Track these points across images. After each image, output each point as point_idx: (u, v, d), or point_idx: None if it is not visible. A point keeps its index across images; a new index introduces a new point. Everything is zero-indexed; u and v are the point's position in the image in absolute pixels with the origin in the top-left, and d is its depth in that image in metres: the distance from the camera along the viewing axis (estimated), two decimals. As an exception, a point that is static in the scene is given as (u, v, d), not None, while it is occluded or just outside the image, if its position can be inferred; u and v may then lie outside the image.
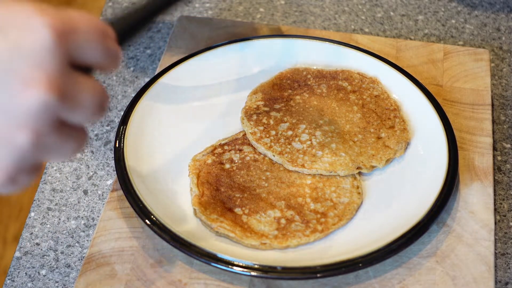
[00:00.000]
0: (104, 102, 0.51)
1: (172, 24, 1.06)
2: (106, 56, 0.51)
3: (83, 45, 0.49)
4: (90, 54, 0.50)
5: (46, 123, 0.46)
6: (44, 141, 0.47)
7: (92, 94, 0.49)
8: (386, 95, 0.90)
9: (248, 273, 0.70)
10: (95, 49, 0.50)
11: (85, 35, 0.49)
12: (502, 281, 0.75)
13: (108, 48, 0.51)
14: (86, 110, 0.49)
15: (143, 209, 0.75)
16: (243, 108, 0.89)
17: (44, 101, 0.45)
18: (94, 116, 0.50)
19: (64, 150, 0.50)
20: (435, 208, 0.75)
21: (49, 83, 0.45)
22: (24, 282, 0.76)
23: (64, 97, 0.47)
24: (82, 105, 0.49)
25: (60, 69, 0.46)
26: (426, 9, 1.09)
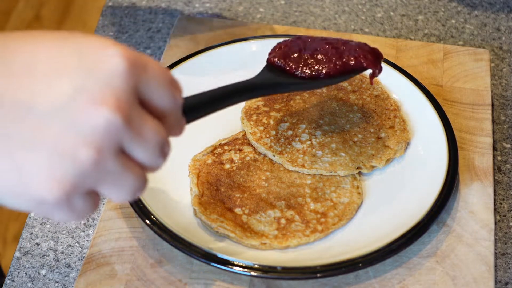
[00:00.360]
0: (166, 147, 0.52)
1: (172, 24, 1.06)
2: (172, 104, 0.52)
3: (152, 84, 0.50)
4: (157, 97, 0.51)
5: (109, 144, 0.47)
6: (105, 164, 0.47)
7: (155, 132, 0.50)
8: (386, 95, 0.90)
9: (248, 273, 0.70)
10: (163, 93, 0.51)
11: (155, 76, 0.50)
12: (502, 281, 0.75)
13: (175, 97, 0.52)
14: (148, 147, 0.50)
15: (143, 209, 0.75)
16: (243, 108, 0.89)
17: (110, 121, 0.46)
18: (155, 159, 0.51)
19: (122, 185, 0.49)
20: (435, 208, 0.75)
21: (118, 105, 0.46)
22: (24, 282, 0.76)
23: (129, 123, 0.47)
24: (145, 139, 0.49)
25: (129, 97, 0.48)
26: (426, 9, 1.09)
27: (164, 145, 0.51)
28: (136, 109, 0.49)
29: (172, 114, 0.53)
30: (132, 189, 0.50)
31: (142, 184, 0.51)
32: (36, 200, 0.47)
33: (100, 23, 1.07)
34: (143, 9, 1.10)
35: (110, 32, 1.05)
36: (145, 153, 0.50)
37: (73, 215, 0.49)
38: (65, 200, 0.47)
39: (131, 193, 0.51)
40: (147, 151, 0.50)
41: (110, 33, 1.05)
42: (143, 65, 0.49)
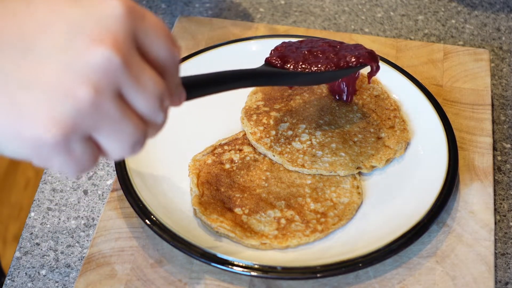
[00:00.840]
0: (166, 101, 0.51)
1: (172, 24, 1.06)
2: (171, 59, 0.52)
3: (150, 34, 0.50)
4: (156, 48, 0.50)
5: (108, 84, 0.47)
6: (104, 105, 0.47)
7: (154, 82, 0.50)
8: (386, 95, 0.90)
9: (248, 273, 0.70)
10: (161, 45, 0.51)
11: (153, 27, 0.50)
12: (502, 281, 0.75)
13: (173, 51, 0.52)
14: (148, 96, 0.49)
15: (143, 209, 0.75)
16: (243, 108, 0.89)
17: (109, 59, 0.46)
18: (154, 111, 0.50)
19: (121, 132, 0.49)
20: (435, 208, 0.76)
21: (116, 45, 0.46)
22: (24, 282, 0.76)
23: (128, 65, 0.47)
24: (144, 87, 0.49)
25: (127, 40, 0.48)
26: (426, 9, 1.09)
27: (164, 99, 0.51)
28: (134, 55, 0.48)
29: (172, 72, 0.53)
30: (131, 140, 0.50)
31: (141, 137, 0.50)
32: (34, 142, 0.46)
33: (100, 23, 1.07)
34: (143, 9, 1.10)
35: (110, 32, 1.05)
36: (144, 102, 0.49)
37: (72, 163, 0.48)
38: (63, 142, 0.46)
39: (130, 145, 0.50)
40: (146, 100, 0.49)
41: (110, 33, 1.05)
42: (141, 14, 0.49)
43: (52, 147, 0.46)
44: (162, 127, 0.53)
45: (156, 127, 0.53)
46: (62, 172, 0.50)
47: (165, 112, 0.52)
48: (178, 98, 0.56)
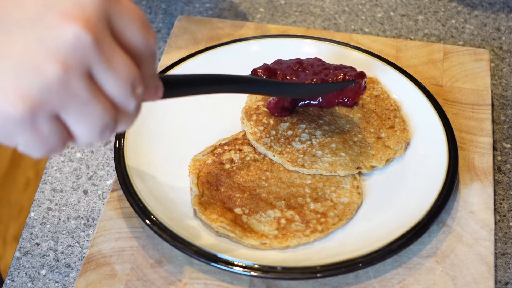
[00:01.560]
0: (138, 88, 0.50)
1: (172, 24, 1.06)
2: (145, 46, 0.51)
3: (124, 18, 0.49)
4: (130, 33, 0.50)
5: (77, 62, 0.46)
6: (72, 84, 0.46)
7: (127, 65, 0.49)
8: (386, 95, 0.90)
9: (248, 273, 0.70)
10: (136, 30, 0.50)
11: (128, 11, 0.49)
12: (502, 281, 0.75)
13: (148, 39, 0.51)
14: (119, 79, 0.48)
15: (143, 209, 0.75)
16: (243, 108, 0.89)
17: (79, 37, 0.45)
18: (126, 96, 0.49)
19: (90, 114, 0.48)
20: (435, 208, 0.76)
21: (87, 23, 0.46)
22: (24, 282, 0.76)
23: (99, 45, 0.47)
24: (116, 69, 0.48)
25: (99, 20, 0.47)
26: (426, 9, 1.09)
27: (136, 85, 0.50)
28: (107, 36, 0.48)
29: (147, 60, 0.52)
30: (99, 124, 0.49)
31: (111, 123, 0.49)
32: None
33: (100, 23, 1.07)
34: (143, 9, 1.10)
35: (110, 32, 1.05)
36: (115, 85, 0.49)
37: (38, 142, 0.47)
38: (29, 118, 0.46)
39: (99, 129, 0.49)
40: (117, 83, 0.48)
41: (110, 33, 1.05)
42: None
43: (18, 122, 0.46)
44: (134, 117, 0.52)
45: (128, 117, 0.51)
46: (27, 152, 0.49)
47: (137, 100, 0.51)
48: (154, 91, 0.55)
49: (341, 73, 0.81)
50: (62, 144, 0.49)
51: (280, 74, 0.81)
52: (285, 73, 0.81)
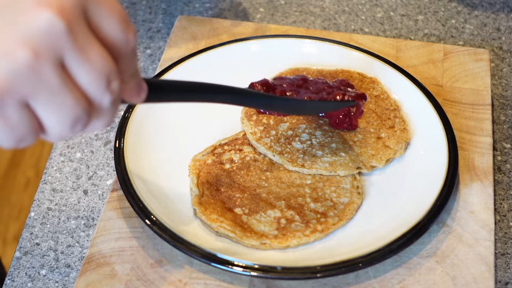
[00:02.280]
0: (114, 83, 0.49)
1: (172, 24, 1.06)
2: (124, 41, 0.50)
3: (102, 10, 0.49)
4: (108, 26, 0.49)
5: (49, 49, 0.45)
6: (42, 71, 0.45)
7: (102, 57, 0.48)
8: (386, 95, 0.90)
9: (248, 273, 0.70)
10: (114, 24, 0.49)
11: (106, 4, 0.49)
12: (502, 281, 0.75)
13: (127, 35, 0.50)
14: (92, 70, 0.48)
15: (143, 209, 0.75)
16: (243, 108, 0.89)
17: (52, 24, 0.45)
18: (100, 89, 0.48)
19: (60, 104, 0.47)
20: (435, 208, 0.75)
21: (61, 11, 0.45)
22: (24, 282, 0.76)
23: (73, 34, 0.46)
24: (89, 60, 0.47)
25: (75, 9, 0.46)
26: (426, 9, 1.09)
27: (112, 79, 0.49)
28: (82, 26, 0.47)
29: (126, 57, 0.51)
30: (70, 115, 0.48)
31: (83, 116, 0.48)
32: None
33: (100, 23, 1.07)
34: (143, 9, 1.10)
35: (110, 32, 1.05)
36: (88, 77, 0.48)
37: (6, 130, 0.47)
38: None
39: (70, 121, 0.48)
40: (90, 74, 0.48)
41: (110, 33, 1.05)
42: None
43: None
44: (110, 114, 0.51)
45: (103, 113, 0.50)
46: None
47: (112, 95, 0.50)
48: (136, 90, 0.54)
49: (341, 93, 0.79)
50: (32, 134, 0.48)
51: (279, 90, 0.79)
52: (284, 90, 0.80)
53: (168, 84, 0.62)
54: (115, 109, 0.51)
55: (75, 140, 0.90)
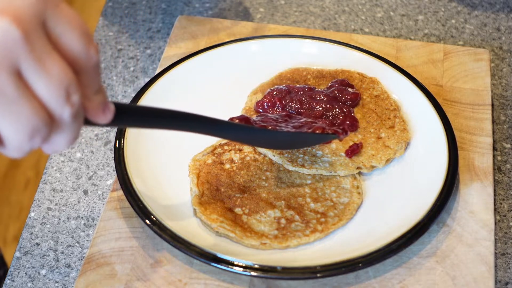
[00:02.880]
0: (73, 95, 0.49)
1: (172, 24, 1.06)
2: (85, 55, 0.50)
3: (62, 23, 0.48)
4: (67, 39, 0.49)
5: (3, 56, 0.45)
6: None
7: (61, 69, 0.48)
8: (386, 95, 0.90)
9: (248, 273, 0.70)
10: (74, 38, 0.49)
11: (66, 16, 0.49)
12: (502, 281, 0.75)
13: (88, 50, 0.50)
14: (50, 81, 0.47)
15: (143, 209, 0.75)
16: (243, 108, 0.89)
17: (6, 31, 0.45)
18: (58, 101, 0.48)
19: (17, 113, 0.46)
20: (435, 208, 0.75)
21: (17, 18, 0.45)
22: (24, 282, 0.76)
23: (29, 43, 0.46)
24: (47, 71, 0.47)
25: (32, 19, 0.46)
26: (426, 9, 1.09)
27: (72, 91, 0.48)
28: (40, 37, 0.47)
29: (88, 72, 0.51)
30: (28, 126, 0.47)
31: (41, 127, 0.48)
32: None
33: (100, 23, 1.07)
34: (143, 9, 1.10)
35: (110, 32, 1.05)
36: (46, 87, 0.47)
37: None
38: None
39: (28, 132, 0.47)
40: (48, 85, 0.47)
41: (110, 33, 1.05)
42: (56, 1, 0.48)
43: None
44: (72, 129, 0.50)
45: (64, 126, 0.50)
46: None
47: (72, 107, 0.49)
48: (101, 109, 0.53)
49: (321, 127, 0.78)
50: None
51: (258, 125, 0.78)
52: (263, 126, 0.79)
53: (139, 110, 0.61)
54: (77, 125, 0.51)
55: (75, 140, 0.90)
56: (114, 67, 1.00)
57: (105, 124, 0.55)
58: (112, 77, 0.98)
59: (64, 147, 0.51)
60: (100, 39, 1.04)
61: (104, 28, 1.06)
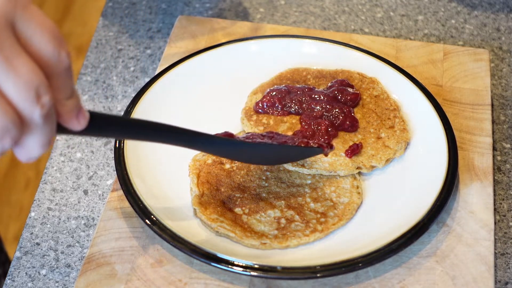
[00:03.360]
0: (44, 96, 0.48)
1: (172, 24, 1.06)
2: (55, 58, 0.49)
3: (31, 25, 0.48)
4: (37, 41, 0.48)
5: None
6: None
7: (30, 69, 0.47)
8: (386, 95, 0.90)
9: (248, 273, 0.70)
10: (44, 40, 0.49)
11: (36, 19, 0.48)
12: (502, 281, 0.75)
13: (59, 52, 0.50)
14: (19, 82, 0.47)
15: (143, 209, 0.75)
16: (243, 108, 0.89)
17: None
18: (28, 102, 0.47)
19: None
20: (435, 208, 0.76)
21: None
22: (24, 282, 0.76)
23: None
24: (16, 71, 0.47)
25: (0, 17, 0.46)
26: (426, 9, 1.09)
27: (41, 91, 0.48)
28: (8, 37, 0.47)
29: (59, 75, 0.50)
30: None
31: (11, 128, 0.47)
32: None
33: (100, 23, 1.07)
34: (143, 9, 1.10)
35: (110, 32, 1.05)
36: (15, 87, 0.47)
37: None
38: None
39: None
40: (18, 85, 0.47)
41: (110, 33, 1.05)
42: (25, 4, 0.48)
43: None
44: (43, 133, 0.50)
45: (36, 128, 0.49)
46: None
47: (42, 109, 0.49)
48: (74, 114, 0.53)
49: (304, 141, 0.77)
50: None
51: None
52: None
53: (116, 120, 0.60)
54: (50, 128, 0.50)
55: (75, 140, 0.90)
56: (114, 67, 1.00)
57: (80, 132, 0.54)
58: (112, 77, 0.99)
59: (38, 151, 0.51)
60: (100, 39, 1.04)
61: (104, 28, 1.06)
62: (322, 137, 0.81)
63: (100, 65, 1.00)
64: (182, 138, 0.67)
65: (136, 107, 0.86)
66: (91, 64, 1.01)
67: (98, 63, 1.01)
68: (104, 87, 0.97)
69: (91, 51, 1.03)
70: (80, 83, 0.98)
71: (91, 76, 0.99)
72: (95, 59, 1.01)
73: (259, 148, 0.75)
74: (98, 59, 1.01)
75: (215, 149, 0.72)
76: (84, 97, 0.96)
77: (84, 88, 0.97)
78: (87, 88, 0.97)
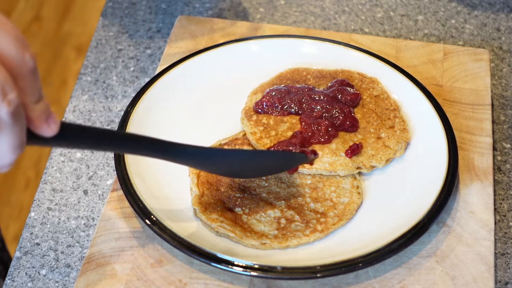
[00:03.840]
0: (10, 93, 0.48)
1: (172, 24, 1.06)
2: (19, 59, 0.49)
3: None
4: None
5: None
6: None
7: None
8: (386, 95, 0.90)
9: (248, 273, 0.70)
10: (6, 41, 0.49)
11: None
12: (502, 281, 0.75)
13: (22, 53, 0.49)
14: None
15: (143, 209, 0.75)
16: (243, 108, 0.89)
17: None
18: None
19: None
20: (435, 208, 0.76)
21: None
22: (24, 282, 0.76)
23: None
24: None
25: None
26: (426, 9, 1.09)
27: (6, 89, 0.48)
28: None
29: (25, 77, 0.50)
30: None
31: None
32: None
33: (100, 23, 1.07)
34: (143, 9, 1.10)
35: (110, 32, 1.05)
36: None
37: None
38: None
39: None
40: None
41: (110, 33, 1.05)
42: None
43: None
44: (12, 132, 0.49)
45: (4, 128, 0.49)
46: None
47: (9, 106, 0.48)
48: (44, 119, 0.52)
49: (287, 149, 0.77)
50: None
51: None
52: None
53: (88, 131, 0.60)
54: (19, 128, 0.50)
55: (75, 140, 0.90)
56: (114, 67, 1.00)
57: (52, 140, 0.54)
58: (112, 77, 0.98)
59: (10, 156, 0.50)
60: (100, 39, 1.04)
61: (104, 28, 1.06)
62: (322, 137, 0.81)
63: (100, 65, 1.00)
64: (156, 149, 0.66)
65: (136, 107, 0.86)
66: (91, 64, 1.01)
67: (98, 63, 1.01)
68: (104, 87, 0.97)
69: (91, 51, 1.03)
70: (80, 83, 0.98)
71: (91, 76, 0.99)
72: (95, 59, 1.01)
73: (234, 154, 0.73)
74: (98, 59, 1.01)
75: (192, 160, 0.70)
76: (84, 97, 0.96)
77: (84, 88, 0.97)
78: (87, 88, 0.97)
